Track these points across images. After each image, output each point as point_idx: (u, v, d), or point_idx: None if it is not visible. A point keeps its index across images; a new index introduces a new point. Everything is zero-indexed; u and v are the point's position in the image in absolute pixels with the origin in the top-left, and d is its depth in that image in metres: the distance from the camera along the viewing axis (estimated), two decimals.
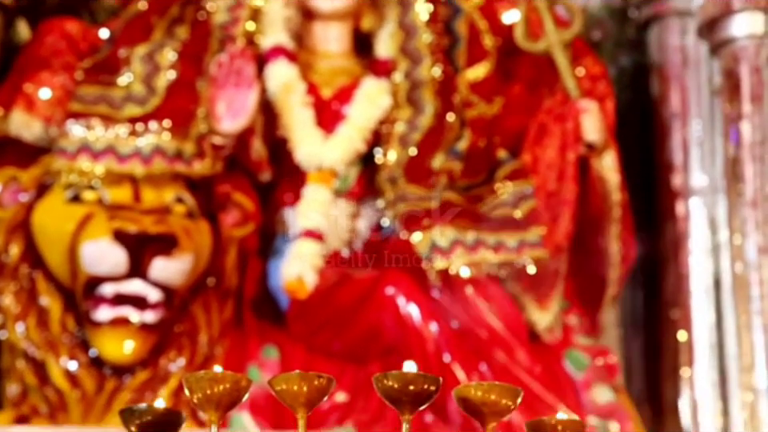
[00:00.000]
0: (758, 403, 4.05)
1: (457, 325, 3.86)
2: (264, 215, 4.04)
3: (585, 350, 4.04)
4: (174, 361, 3.78)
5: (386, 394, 1.84)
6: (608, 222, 4.12)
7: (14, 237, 3.81)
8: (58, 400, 3.72)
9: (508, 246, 3.88)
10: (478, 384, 1.89)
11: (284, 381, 1.84)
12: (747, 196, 4.19)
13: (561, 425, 1.87)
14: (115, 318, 3.69)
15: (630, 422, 3.95)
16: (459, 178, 4.02)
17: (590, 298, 4.19)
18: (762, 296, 4.10)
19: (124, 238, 3.65)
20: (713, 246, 4.29)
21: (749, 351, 4.08)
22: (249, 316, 3.97)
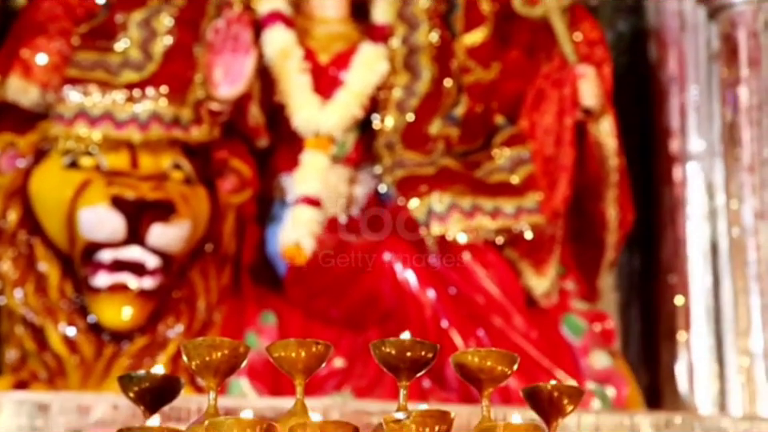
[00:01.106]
0: (754, 367, 4.06)
1: (454, 291, 3.87)
2: (261, 181, 4.04)
3: (582, 315, 4.06)
4: (172, 327, 3.79)
5: (383, 360, 1.84)
6: (605, 187, 4.13)
7: (12, 203, 3.81)
8: (56, 365, 3.73)
9: (505, 212, 3.89)
10: (475, 350, 1.89)
11: (282, 348, 1.84)
12: (744, 161, 4.19)
13: (558, 390, 1.87)
14: (113, 284, 3.70)
15: (627, 386, 3.96)
16: (456, 144, 4.02)
17: (588, 264, 4.19)
18: (758, 260, 4.11)
19: (122, 205, 3.65)
20: (710, 211, 4.29)
21: (745, 315, 4.09)
22: (247, 282, 3.97)
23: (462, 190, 3.88)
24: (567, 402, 1.88)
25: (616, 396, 3.91)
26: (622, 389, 3.93)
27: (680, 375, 4.21)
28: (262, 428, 1.71)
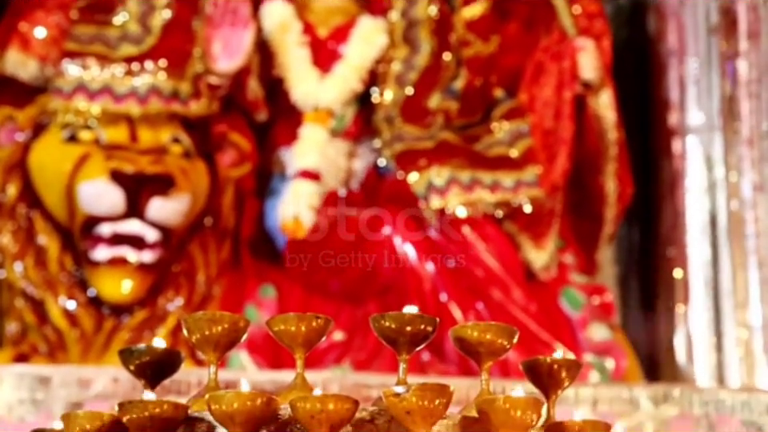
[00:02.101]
0: (752, 339, 4.07)
1: (453, 264, 3.87)
2: (260, 155, 4.04)
3: (581, 288, 4.06)
4: (171, 300, 3.79)
5: (382, 334, 1.85)
6: (604, 160, 4.13)
7: (12, 176, 3.81)
8: (57, 339, 3.74)
9: (504, 186, 3.89)
10: (474, 324, 1.89)
11: (282, 321, 1.85)
12: (743, 134, 4.19)
13: (557, 363, 1.88)
14: (113, 258, 3.70)
15: (626, 359, 3.97)
16: (455, 118, 4.02)
17: (587, 237, 4.20)
18: (757, 233, 4.11)
19: (121, 178, 3.65)
20: (709, 184, 4.29)
21: (743, 288, 4.10)
22: (246, 256, 3.98)
23: (461, 164, 3.88)
24: (565, 374, 1.89)
25: (615, 368, 3.92)
26: (620, 361, 3.94)
27: (678, 348, 4.22)
28: (263, 401, 1.72)
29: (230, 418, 1.72)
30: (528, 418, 1.73)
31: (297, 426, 1.75)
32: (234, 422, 1.72)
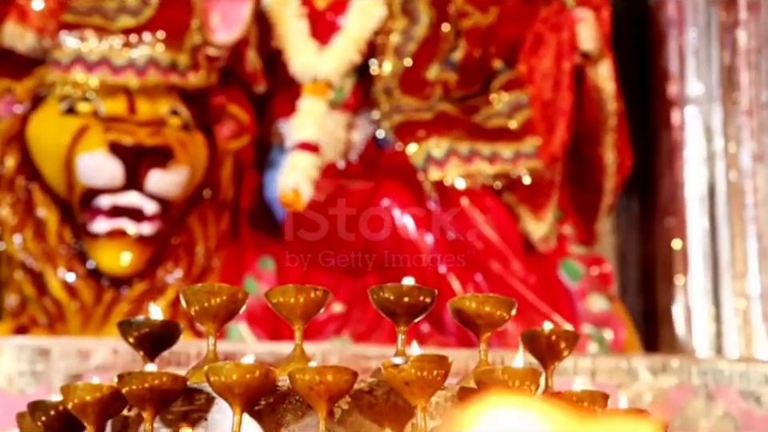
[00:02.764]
0: (751, 310, 4.08)
1: (452, 236, 3.88)
2: (259, 127, 4.04)
3: (580, 259, 4.07)
4: (171, 272, 3.80)
5: (381, 306, 1.85)
6: (603, 131, 4.13)
7: (10, 148, 3.81)
8: (56, 311, 3.75)
9: (503, 157, 3.89)
10: (473, 295, 1.90)
11: (280, 293, 1.85)
12: (743, 104, 4.18)
13: (555, 335, 1.88)
14: (112, 230, 3.70)
15: (625, 329, 3.98)
16: (454, 89, 4.02)
17: (586, 208, 4.20)
18: (755, 204, 4.12)
19: (120, 150, 3.65)
20: (708, 155, 4.29)
21: (742, 258, 4.10)
22: (245, 228, 3.98)
23: (460, 135, 3.88)
24: (564, 345, 1.89)
25: (613, 339, 3.93)
26: (619, 332, 3.95)
27: (677, 318, 4.23)
28: (262, 373, 1.73)
29: (229, 390, 1.72)
30: (526, 389, 1.74)
31: (296, 398, 1.75)
32: (232, 393, 1.72)
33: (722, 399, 3.34)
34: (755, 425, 3.33)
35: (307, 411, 1.75)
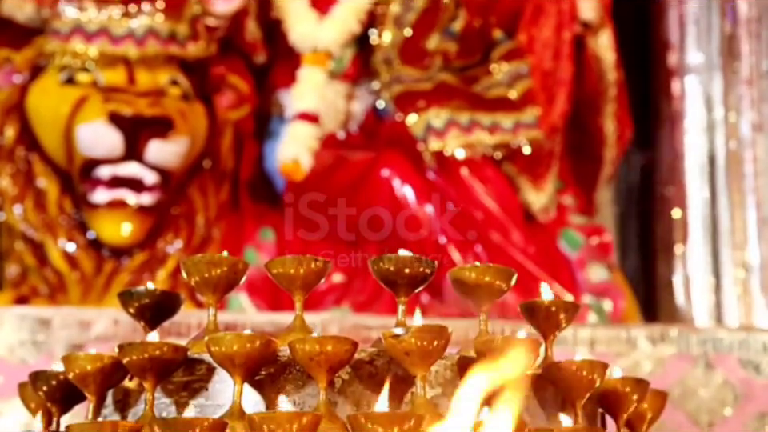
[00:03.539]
0: (750, 279, 4.09)
1: (452, 206, 3.88)
2: (259, 97, 4.03)
3: (579, 229, 4.07)
4: (171, 243, 3.80)
5: (381, 276, 1.85)
6: (603, 101, 4.13)
7: (9, 119, 3.81)
8: (57, 281, 3.75)
9: (503, 127, 3.89)
10: (473, 266, 1.90)
11: (280, 264, 1.85)
12: (743, 73, 4.18)
13: (554, 305, 1.88)
14: (112, 200, 3.70)
15: (624, 299, 3.99)
16: (454, 59, 4.01)
17: (586, 178, 4.21)
18: (755, 173, 4.12)
19: (119, 121, 3.64)
20: (708, 124, 4.29)
21: (742, 228, 4.11)
22: (245, 198, 3.98)
23: (460, 105, 3.87)
24: (563, 316, 1.89)
25: (613, 309, 3.94)
26: (618, 302, 3.96)
27: (677, 288, 4.24)
28: (262, 343, 1.73)
29: (230, 360, 1.72)
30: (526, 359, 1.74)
31: (296, 368, 1.76)
32: (233, 363, 1.72)
33: (721, 368, 3.35)
34: (754, 393, 3.34)
35: (308, 381, 1.75)
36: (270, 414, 1.64)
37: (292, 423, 1.59)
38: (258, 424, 1.61)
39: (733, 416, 3.33)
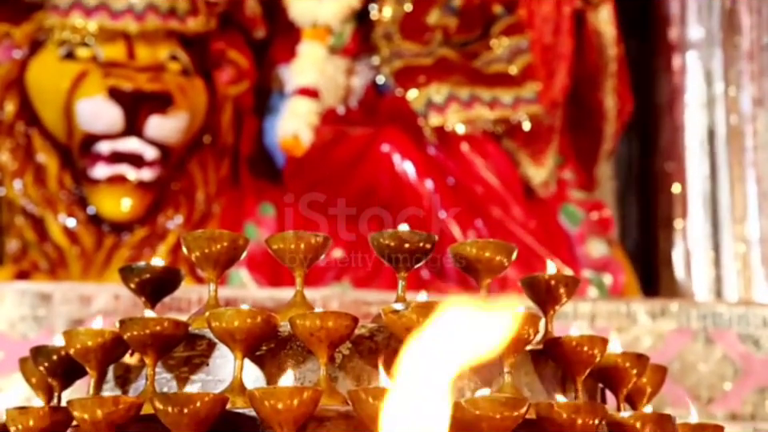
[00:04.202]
0: (750, 254, 4.09)
1: (452, 181, 3.88)
2: (259, 72, 4.03)
3: (579, 204, 4.07)
4: (171, 218, 3.81)
5: (381, 252, 1.85)
6: (604, 76, 4.13)
7: (9, 94, 3.81)
8: (57, 256, 3.76)
9: (503, 102, 3.88)
10: (473, 241, 1.89)
11: (281, 240, 1.84)
12: (743, 48, 4.18)
13: (554, 280, 1.88)
14: (112, 176, 3.71)
15: (624, 274, 3.99)
16: (454, 34, 4.00)
17: (586, 153, 4.20)
18: (755, 148, 4.12)
19: (119, 96, 3.64)
20: (708, 99, 4.28)
21: (742, 203, 4.11)
22: (245, 174, 3.98)
23: (461, 81, 3.87)
24: (563, 291, 1.89)
25: (612, 284, 3.95)
26: (618, 276, 3.97)
27: (676, 262, 4.24)
28: (263, 318, 1.73)
29: (231, 335, 1.73)
30: (525, 333, 1.74)
31: (297, 343, 1.76)
32: (234, 339, 1.72)
33: (720, 342, 3.36)
34: (754, 367, 3.35)
35: (308, 356, 1.75)
36: (271, 389, 1.64)
37: (293, 398, 1.60)
38: (258, 399, 1.61)
39: (732, 390, 3.34)
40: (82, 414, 1.66)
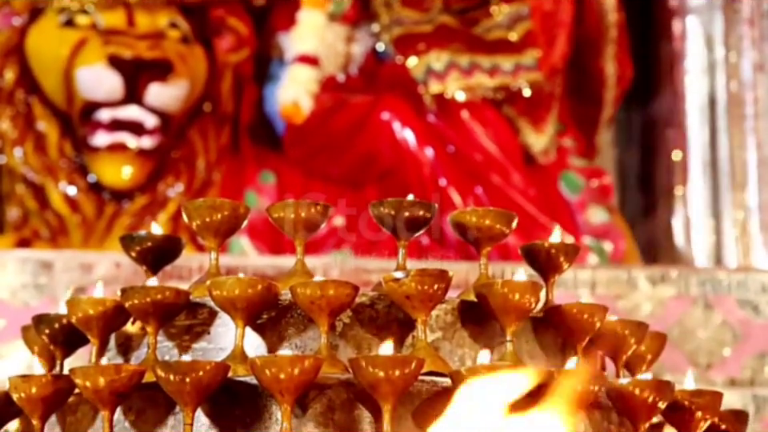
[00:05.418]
0: (750, 220, 4.10)
1: (452, 149, 3.88)
2: (259, 40, 4.02)
3: (580, 171, 4.07)
4: (172, 186, 3.81)
5: (381, 220, 1.86)
6: (604, 42, 4.12)
7: (9, 61, 3.80)
8: (58, 224, 3.76)
9: (503, 69, 3.88)
10: (473, 209, 1.89)
11: (281, 209, 1.85)
12: (744, 13, 4.16)
13: (555, 248, 1.89)
14: (112, 144, 3.71)
15: (624, 241, 4.00)
16: (454, 1, 3.99)
17: (586, 120, 4.20)
18: (756, 114, 4.12)
19: (119, 64, 3.64)
20: (708, 65, 4.27)
21: (742, 169, 4.11)
22: (245, 141, 3.98)
23: (460, 48, 3.86)
24: (564, 259, 1.90)
25: (613, 251, 3.95)
26: (618, 243, 3.97)
27: (676, 229, 4.25)
28: (264, 287, 1.74)
29: (232, 304, 1.73)
30: (526, 302, 1.75)
31: (297, 312, 1.76)
32: (235, 307, 1.73)
33: (720, 308, 3.37)
34: (753, 333, 3.36)
35: (309, 325, 1.76)
36: (272, 357, 1.65)
37: (294, 366, 1.61)
38: (260, 367, 1.62)
39: (731, 356, 3.35)
40: (84, 381, 1.67)
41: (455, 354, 1.78)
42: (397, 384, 1.60)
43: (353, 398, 1.67)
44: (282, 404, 1.62)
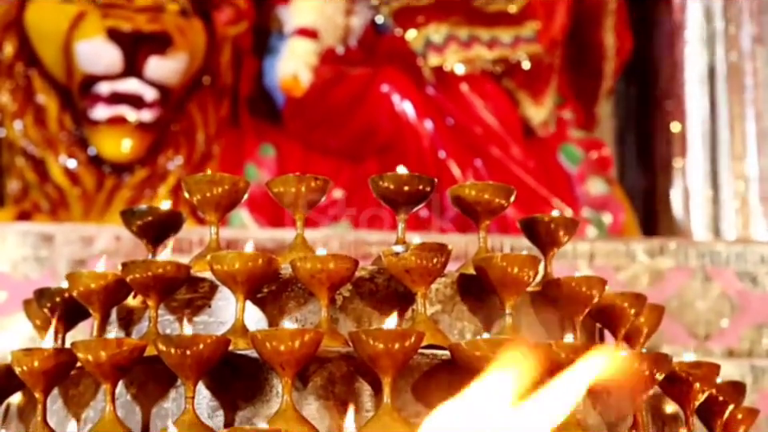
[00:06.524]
0: (749, 191, 4.10)
1: (452, 121, 3.88)
2: (258, 13, 4.01)
3: (579, 143, 4.08)
4: (171, 159, 3.81)
5: (381, 194, 1.86)
6: (603, 14, 4.11)
7: (8, 34, 3.80)
8: (58, 197, 3.77)
9: (503, 42, 3.87)
10: (472, 183, 1.89)
11: (281, 183, 1.85)
12: None
13: (554, 222, 1.89)
14: (112, 117, 3.71)
15: (623, 212, 4.00)
16: None
17: (585, 92, 4.20)
18: (755, 85, 4.11)
19: (118, 37, 3.64)
20: (708, 36, 4.26)
21: (741, 140, 4.11)
22: (245, 114, 3.98)
23: (460, 20, 3.86)
24: (563, 232, 1.90)
25: (612, 222, 3.96)
26: (617, 215, 3.98)
27: (675, 201, 4.25)
28: (264, 261, 1.74)
29: (232, 278, 1.74)
30: (525, 275, 1.76)
31: (298, 285, 1.77)
32: (235, 281, 1.74)
33: (718, 280, 3.37)
34: (751, 305, 3.37)
35: (309, 299, 1.77)
36: (273, 330, 1.65)
37: (294, 340, 1.61)
38: (260, 341, 1.62)
39: (729, 327, 3.36)
40: (86, 355, 1.68)
41: (454, 328, 1.79)
42: (397, 357, 1.61)
43: (353, 371, 1.68)
44: (283, 377, 1.63)
